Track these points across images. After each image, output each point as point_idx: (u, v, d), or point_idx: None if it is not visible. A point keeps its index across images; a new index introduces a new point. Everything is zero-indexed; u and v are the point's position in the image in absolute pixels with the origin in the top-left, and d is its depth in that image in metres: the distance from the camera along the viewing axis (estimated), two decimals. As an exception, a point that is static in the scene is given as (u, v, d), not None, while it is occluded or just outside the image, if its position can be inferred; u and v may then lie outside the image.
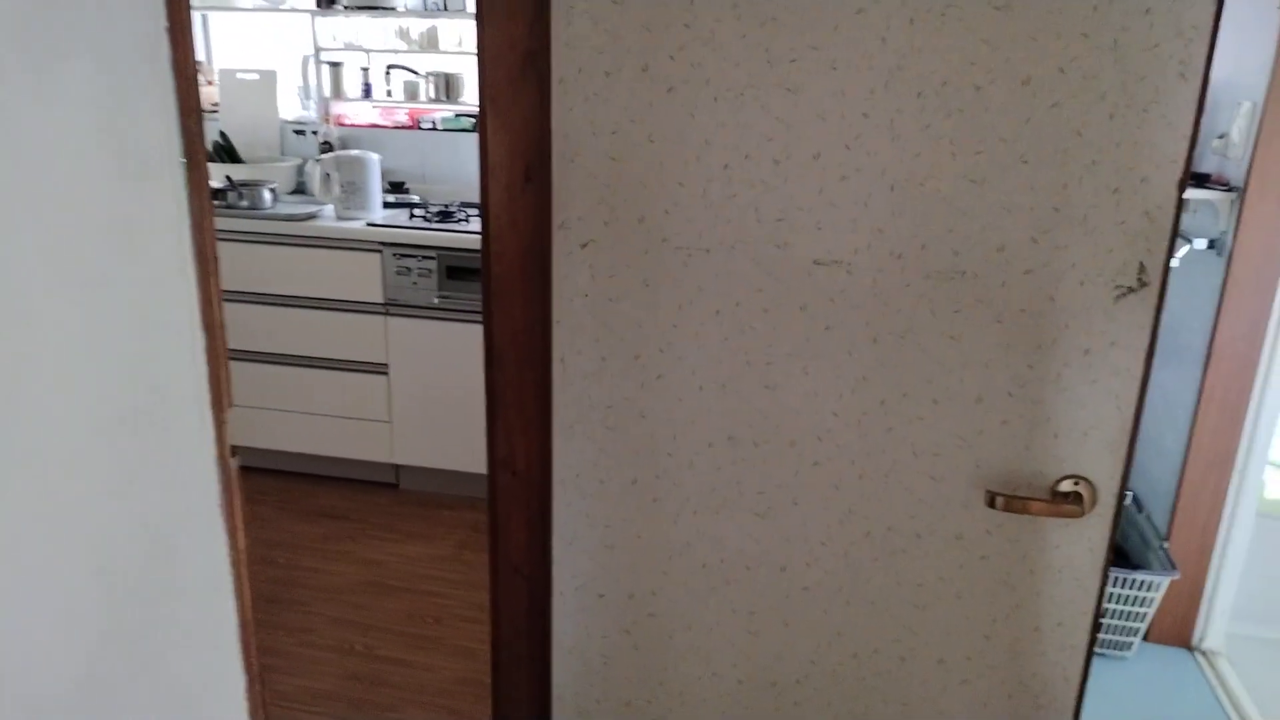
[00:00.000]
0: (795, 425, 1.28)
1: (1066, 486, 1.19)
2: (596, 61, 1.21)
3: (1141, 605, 2.20)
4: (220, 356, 0.87)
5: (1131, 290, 1.10)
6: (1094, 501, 1.19)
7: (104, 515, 0.78)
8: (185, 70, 0.77)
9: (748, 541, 1.36)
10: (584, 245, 1.30)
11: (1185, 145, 1.03)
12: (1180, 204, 1.05)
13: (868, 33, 1.11)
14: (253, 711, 0.59)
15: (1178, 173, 1.04)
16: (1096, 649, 2.27)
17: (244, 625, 0.83)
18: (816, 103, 1.14)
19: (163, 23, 0.75)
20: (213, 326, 0.88)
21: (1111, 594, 2.20)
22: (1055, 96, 1.06)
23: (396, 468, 3.19)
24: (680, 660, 1.46)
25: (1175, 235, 1.07)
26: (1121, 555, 2.37)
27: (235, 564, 0.89)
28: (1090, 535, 1.21)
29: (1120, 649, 2.27)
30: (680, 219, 1.24)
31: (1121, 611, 2.22)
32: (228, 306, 3.05)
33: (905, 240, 1.16)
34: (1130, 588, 2.18)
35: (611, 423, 1.37)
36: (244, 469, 3.23)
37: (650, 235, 1.26)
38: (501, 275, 1.41)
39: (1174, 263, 2.16)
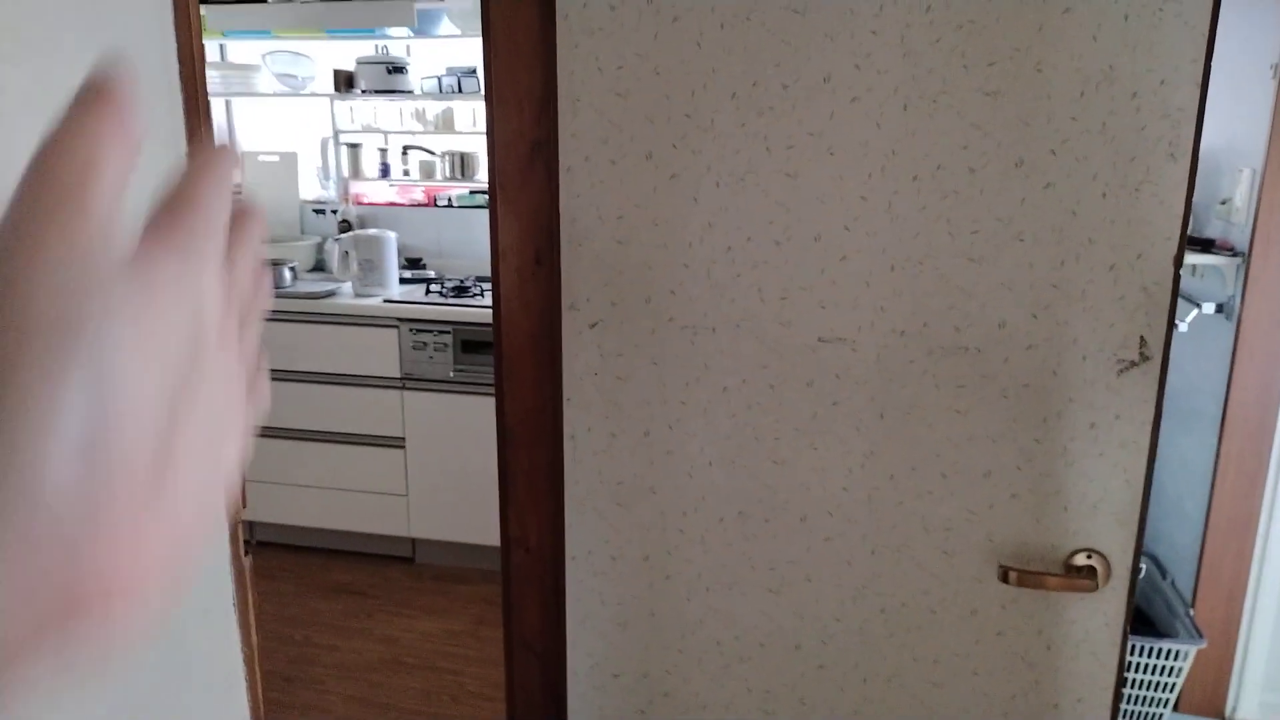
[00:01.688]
0: (805, 500, 1.29)
1: (1080, 560, 1.18)
2: (601, 150, 1.25)
3: (1169, 675, 2.15)
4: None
5: (1134, 364, 1.11)
6: (1108, 575, 1.18)
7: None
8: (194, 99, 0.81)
9: (761, 618, 1.35)
10: (593, 325, 1.33)
11: (1179, 222, 1.05)
12: (1178, 279, 1.07)
13: (863, 119, 1.14)
14: None
15: (1173, 249, 1.06)
16: (1125, 723, 2.22)
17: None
18: (815, 186, 1.17)
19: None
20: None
21: (1137, 664, 2.16)
22: (1048, 177, 1.08)
23: (413, 541, 3.19)
24: (696, 741, 1.44)
25: (1174, 309, 1.08)
26: (1147, 624, 2.33)
27: (248, 660, 0.90)
28: (1106, 609, 1.20)
29: (1151, 721, 2.22)
30: (685, 299, 1.27)
31: (1149, 682, 2.17)
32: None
33: (907, 318, 1.18)
34: (1157, 657, 2.14)
35: (622, 499, 1.38)
36: (262, 544, 3.24)
37: (657, 315, 1.29)
38: (513, 355, 1.44)
39: (1183, 327, 2.17)
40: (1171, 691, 2.19)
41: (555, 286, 1.35)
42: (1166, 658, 2.15)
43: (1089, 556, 1.18)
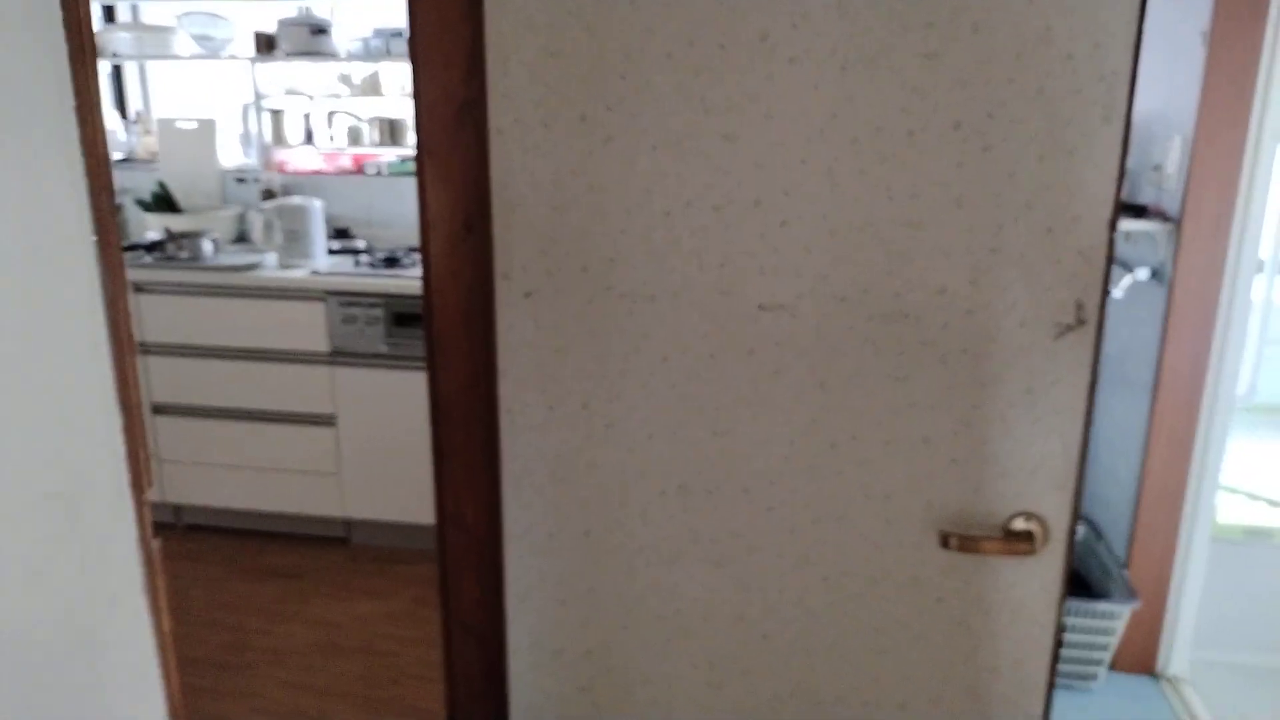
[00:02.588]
0: (747, 471, 1.27)
1: (1018, 525, 1.19)
2: (534, 112, 1.20)
3: (1105, 635, 2.21)
4: (139, 436, 0.83)
5: (1070, 328, 1.11)
6: (1046, 538, 1.19)
7: (20, 607, 0.73)
8: (95, 148, 0.75)
9: (704, 591, 1.34)
10: (527, 295, 1.29)
11: (1113, 186, 1.04)
12: (1113, 243, 1.07)
13: (802, 81, 1.12)
14: None
15: (1107, 212, 1.06)
16: (1062, 680, 2.28)
17: (173, 713, 0.78)
18: (755, 150, 1.14)
19: (70, 101, 0.72)
20: (130, 406, 0.84)
21: (1074, 624, 2.21)
22: (986, 140, 1.07)
23: (347, 522, 3.11)
24: (642, 717, 1.43)
25: (1109, 273, 1.08)
26: (1083, 585, 2.39)
27: (161, 649, 0.85)
28: (1044, 572, 1.21)
29: (1085, 679, 2.28)
30: (624, 267, 1.23)
31: (1085, 642, 2.23)
32: (169, 361, 2.97)
33: (847, 284, 1.16)
34: (1092, 617, 2.19)
35: (561, 474, 1.35)
36: (191, 527, 3.13)
37: (594, 284, 1.25)
38: (444, 328, 1.38)
39: (1117, 293, 2.21)
40: (1107, 650, 2.25)
41: (487, 255, 1.30)
42: (1102, 618, 2.21)
43: (1027, 520, 1.18)
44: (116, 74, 3.71)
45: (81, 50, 0.73)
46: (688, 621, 1.36)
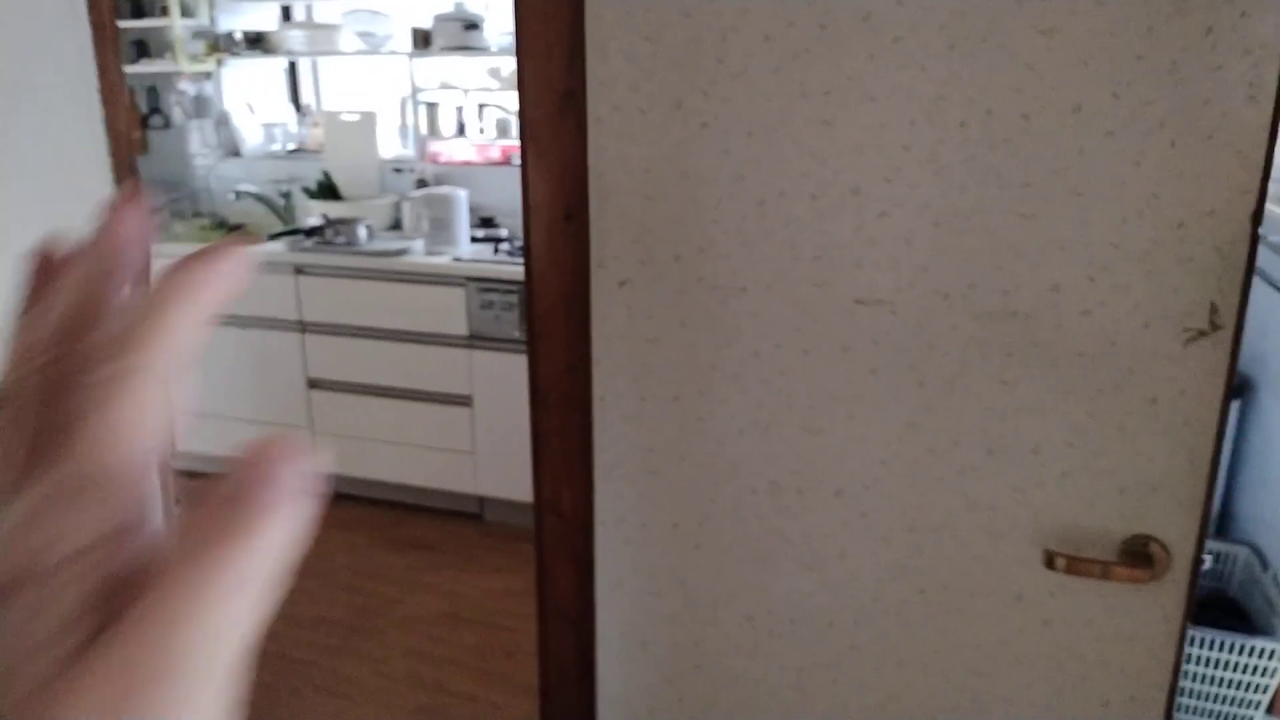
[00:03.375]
0: (840, 473, 1.22)
1: (1135, 547, 1.08)
2: (631, 99, 1.19)
3: (1263, 675, 1.99)
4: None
5: (1203, 333, 1.00)
6: (1167, 563, 1.08)
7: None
8: (117, 126, 0.79)
9: (793, 594, 1.30)
10: (621, 284, 1.28)
11: (1258, 175, 0.93)
12: (1255, 239, 0.95)
13: (906, 61, 1.05)
14: None
15: (1250, 204, 0.94)
16: (1207, 720, 2.07)
17: None
18: (854, 136, 1.09)
19: (94, 84, 0.77)
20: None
21: (1228, 661, 2.00)
22: (1109, 124, 0.97)
23: (481, 499, 3.23)
24: (726, 715, 1.40)
25: (1251, 272, 0.96)
26: (1243, 617, 2.16)
27: None
28: (1164, 600, 1.10)
29: (1239, 720, 2.06)
30: (715, 257, 1.21)
31: (1239, 681, 2.01)
32: (324, 339, 3.17)
33: (951, 279, 1.09)
34: (1250, 655, 1.98)
35: (652, 466, 1.34)
36: (341, 496, 3.34)
37: (686, 274, 1.23)
38: (544, 315, 1.40)
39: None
40: (1264, 693, 2.03)
41: (585, 244, 1.30)
42: (1261, 657, 1.99)
43: (1146, 544, 1.08)
44: (291, 69, 3.98)
45: (103, 31, 0.78)
46: (776, 624, 1.32)
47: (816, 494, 1.24)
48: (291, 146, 3.96)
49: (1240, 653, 1.99)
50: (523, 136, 1.32)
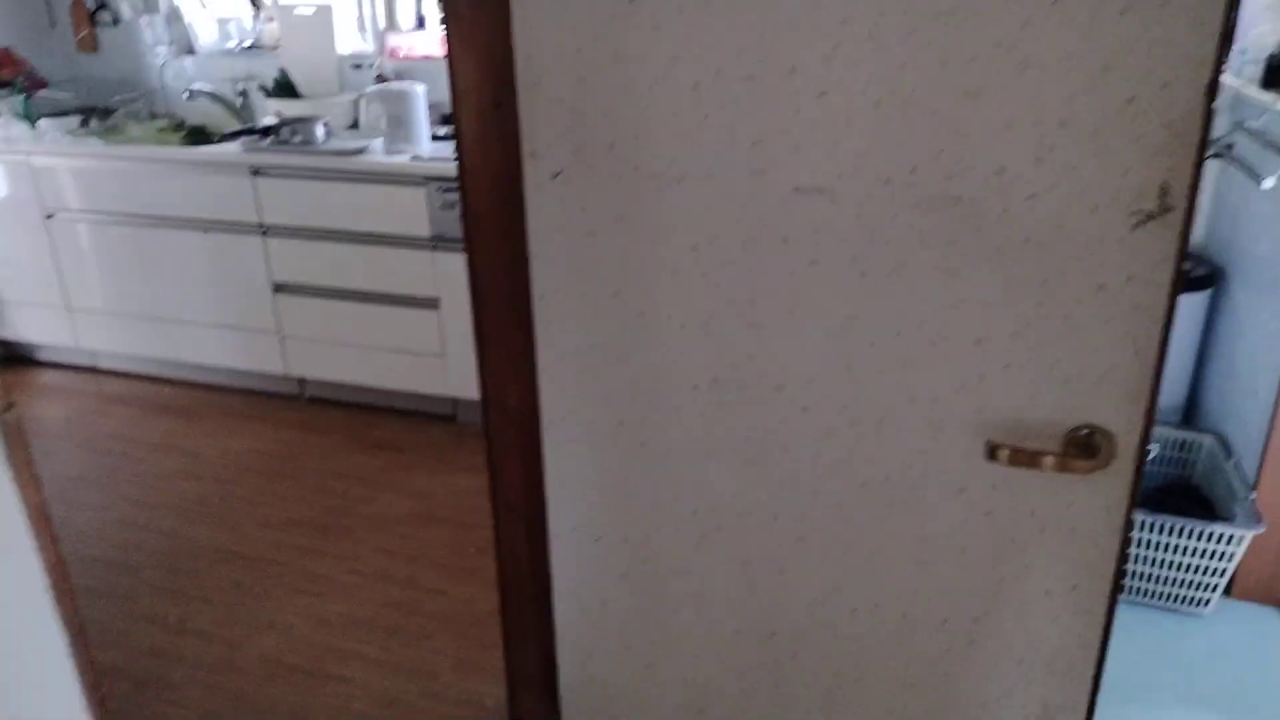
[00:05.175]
0: (782, 368, 1.19)
1: (1080, 438, 1.06)
2: (557, -27, 1.11)
3: (1221, 560, 2.02)
4: None
5: (1152, 216, 0.95)
6: (1112, 454, 1.06)
7: None
8: None
9: (738, 489, 1.29)
10: (555, 175, 1.22)
11: (1214, 44, 0.86)
12: (1209, 114, 0.90)
13: (846, -76, 0.97)
14: (79, 669, 0.56)
15: (1206, 76, 0.88)
16: (1168, 605, 2.12)
17: (58, 585, 0.76)
18: (790, 10, 1.02)
19: None
20: None
21: (1187, 547, 2.03)
22: (1058, -11, 0.90)
23: (454, 401, 3.22)
24: (677, 607, 1.41)
25: (1204, 151, 0.91)
26: (1205, 505, 2.18)
27: (34, 520, 0.85)
28: (1108, 491, 1.08)
29: (1196, 604, 2.10)
30: (651, 145, 1.15)
31: (1198, 565, 2.04)
32: (287, 242, 3.09)
33: (893, 163, 1.04)
34: (1208, 540, 2.00)
35: (594, 364, 1.31)
36: (312, 399, 3.32)
37: (621, 163, 1.17)
38: (479, 209, 1.35)
39: (1268, 183, 1.91)
40: (1222, 576, 2.07)
41: (516, 133, 1.24)
42: (1219, 542, 2.01)
43: (1090, 434, 1.06)
44: (243, -41, 3.76)
45: None
46: (721, 518, 1.32)
47: (758, 389, 1.21)
48: (247, 43, 3.78)
49: (1200, 538, 2.02)
50: (446, 17, 1.24)
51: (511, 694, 1.72)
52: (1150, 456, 1.18)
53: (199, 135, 3.41)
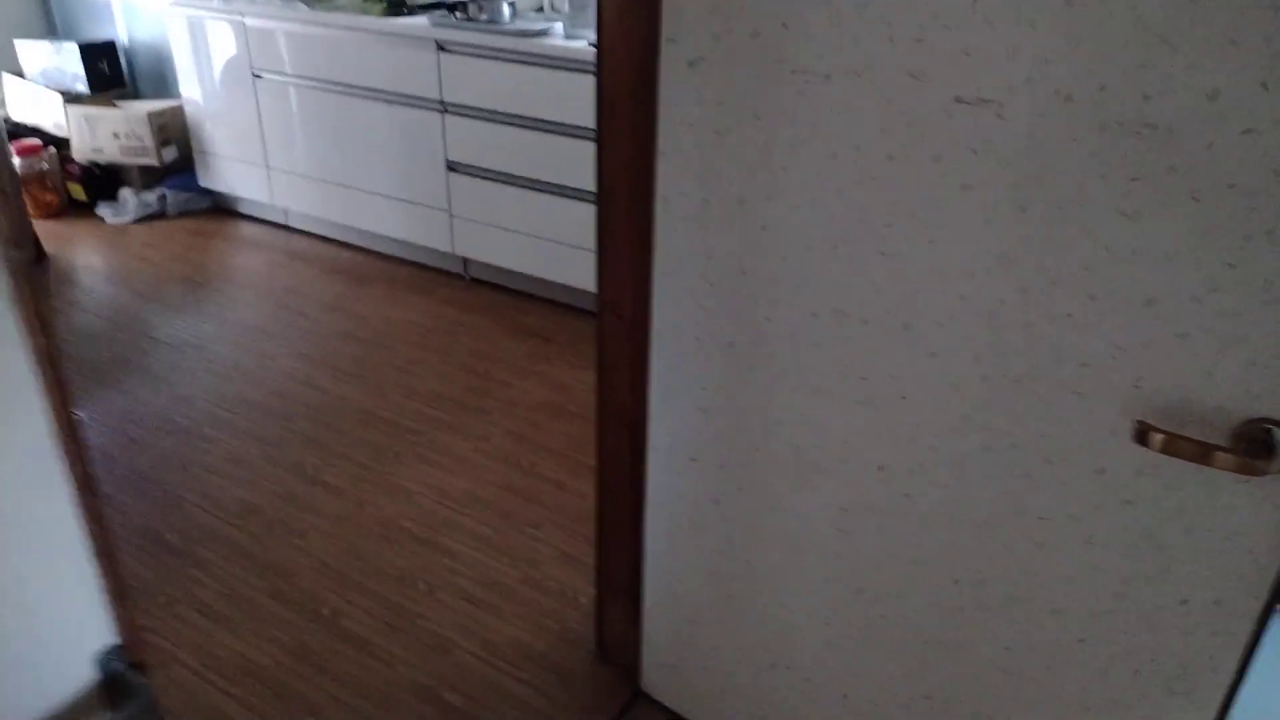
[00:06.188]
0: (912, 305, 1.06)
1: (1254, 432, 0.88)
2: None
3: None
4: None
5: None
6: (1297, 459, 0.88)
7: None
8: None
9: (845, 431, 1.18)
10: (692, 64, 1.12)
11: None
12: None
13: None
14: (87, 514, 0.56)
15: None
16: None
17: (63, 428, 0.73)
18: (978, -122, 0.85)
19: None
20: None
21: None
22: None
23: (606, 299, 3.20)
24: (767, 543, 1.34)
25: None
26: None
27: (43, 362, 0.83)
28: (1279, 500, 0.90)
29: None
30: (798, 35, 1.02)
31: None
32: (464, 121, 3.12)
33: (1079, 76, 0.87)
34: None
35: (711, 275, 1.22)
36: (474, 280, 3.40)
37: (764, 54, 1.05)
38: (614, 97, 1.26)
39: None
40: None
41: (657, 15, 1.13)
42: None
43: (1268, 430, 0.87)
44: None
45: None
46: (824, 459, 1.22)
47: (883, 326, 1.09)
48: (451, -85, 3.78)
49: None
50: (599, -123, 1.14)
51: (600, 598, 1.72)
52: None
53: (398, 6, 3.46)
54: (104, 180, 3.97)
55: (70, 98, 3.89)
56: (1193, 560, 0.97)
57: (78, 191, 3.97)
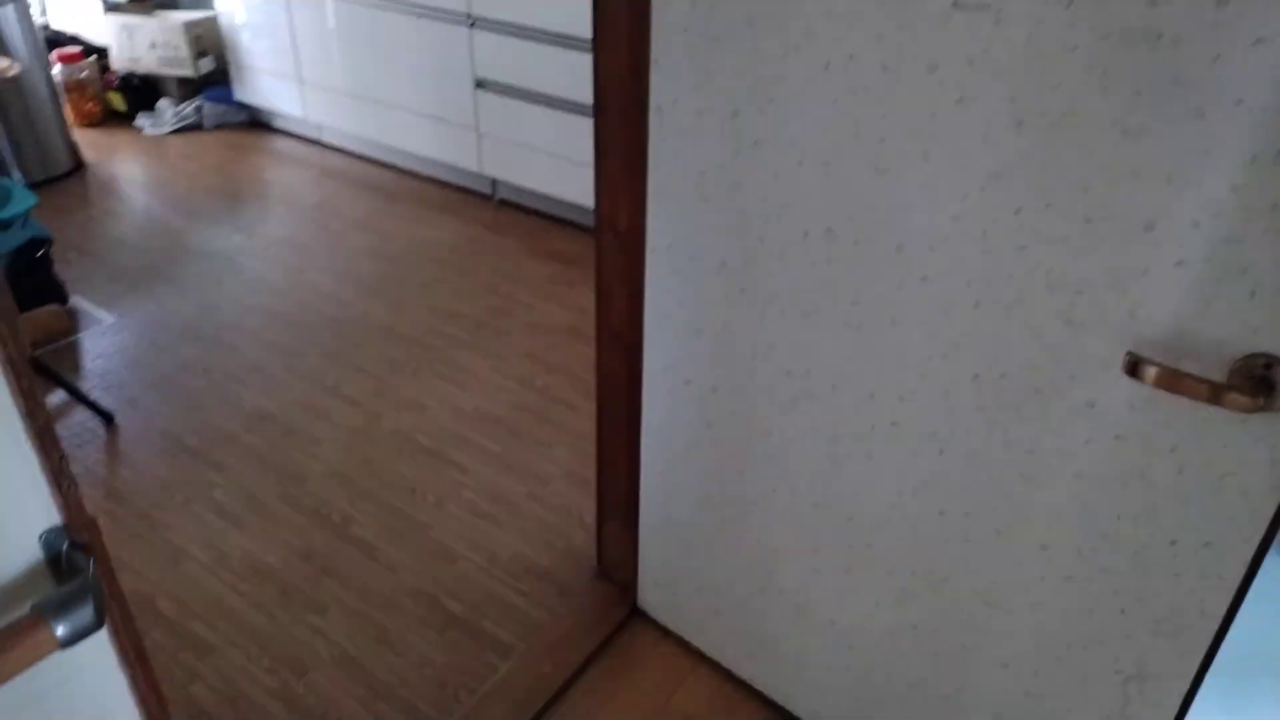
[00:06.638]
0: (905, 225, 1.01)
1: (1253, 368, 0.84)
2: None
3: None
4: None
5: None
6: (1296, 397, 0.83)
7: None
8: None
9: (835, 357, 1.15)
10: (684, -35, 1.06)
11: None
12: None
13: None
14: (24, 397, 0.56)
15: None
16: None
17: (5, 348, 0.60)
18: None
19: None
20: None
21: None
22: None
23: (633, 222, 3.15)
24: (759, 468, 1.32)
25: None
26: None
27: None
28: (1276, 439, 0.86)
29: None
30: (792, -67, 0.96)
31: None
32: (494, 38, 3.06)
33: (1082, -22, 0.80)
34: None
35: (704, 190, 1.18)
36: (502, 202, 3.38)
37: (756, -46, 0.99)
38: (608, 3, 1.21)
39: None
40: None
41: (651, -91, 1.08)
42: None
43: (1269, 366, 0.83)
44: None
45: None
46: (814, 385, 1.19)
47: (874, 247, 1.05)
48: None
49: None
50: None
51: (600, 517, 1.73)
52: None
53: (428, -84, 3.37)
54: (142, 91, 3.99)
55: (109, 5, 3.89)
56: (1183, 501, 0.93)
57: (117, 101, 4.00)
